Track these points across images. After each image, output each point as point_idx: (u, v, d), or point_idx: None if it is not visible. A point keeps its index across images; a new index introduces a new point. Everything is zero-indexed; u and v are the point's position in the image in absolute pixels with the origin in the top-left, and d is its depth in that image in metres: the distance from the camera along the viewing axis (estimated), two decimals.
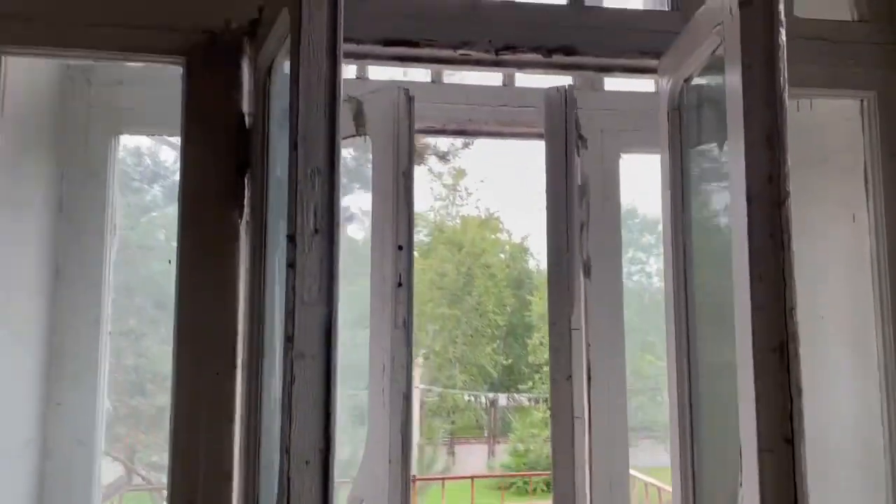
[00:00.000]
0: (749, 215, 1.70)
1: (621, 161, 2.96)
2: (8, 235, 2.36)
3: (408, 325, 2.40)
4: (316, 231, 1.54)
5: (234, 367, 2.04)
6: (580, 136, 2.87)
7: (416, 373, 20.43)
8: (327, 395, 1.52)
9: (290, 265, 1.53)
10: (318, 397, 1.51)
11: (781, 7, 1.72)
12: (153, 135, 2.94)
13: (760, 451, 1.64)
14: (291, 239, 1.54)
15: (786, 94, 1.70)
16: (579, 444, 2.40)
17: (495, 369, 22.58)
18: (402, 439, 2.35)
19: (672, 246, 2.25)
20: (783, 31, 1.72)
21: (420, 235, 22.74)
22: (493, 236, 24.30)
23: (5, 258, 2.36)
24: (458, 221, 24.11)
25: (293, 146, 1.55)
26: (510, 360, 22.70)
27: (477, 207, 24.25)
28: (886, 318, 2.39)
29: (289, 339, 1.51)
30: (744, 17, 1.74)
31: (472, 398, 22.50)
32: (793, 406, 1.64)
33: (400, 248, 2.42)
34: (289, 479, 1.48)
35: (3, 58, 2.08)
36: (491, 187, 29.73)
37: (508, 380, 22.68)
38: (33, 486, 2.48)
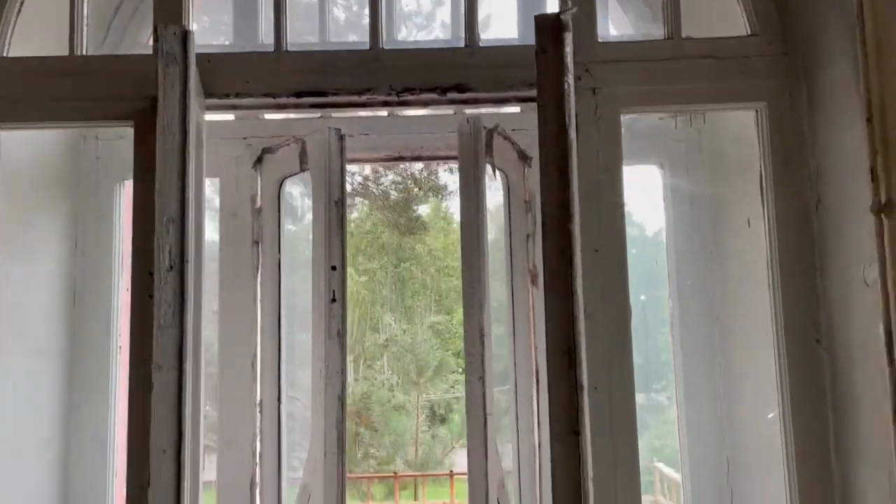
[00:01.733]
0: (544, 235, 1.94)
1: None
2: (27, 276, 2.92)
3: (341, 336, 2.76)
4: (170, 268, 1.94)
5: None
6: (524, 156, 3.13)
7: None
8: (179, 398, 1.91)
9: (150, 296, 1.94)
10: (172, 400, 1.91)
11: (569, 53, 1.95)
12: None
13: (552, 440, 1.88)
14: (151, 274, 1.94)
15: (572, 132, 1.92)
16: (490, 437, 2.66)
17: None
18: (337, 435, 2.70)
19: None
20: (571, 76, 1.94)
21: None
22: None
23: (27, 294, 2.93)
24: None
25: (151, 201, 1.96)
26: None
27: None
28: (779, 322, 2.47)
29: (149, 355, 1.92)
30: (539, 63, 1.98)
31: None
32: (579, 402, 1.87)
33: (333, 268, 2.78)
34: (149, 465, 1.89)
35: None
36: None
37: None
38: (56, 476, 3.05)
